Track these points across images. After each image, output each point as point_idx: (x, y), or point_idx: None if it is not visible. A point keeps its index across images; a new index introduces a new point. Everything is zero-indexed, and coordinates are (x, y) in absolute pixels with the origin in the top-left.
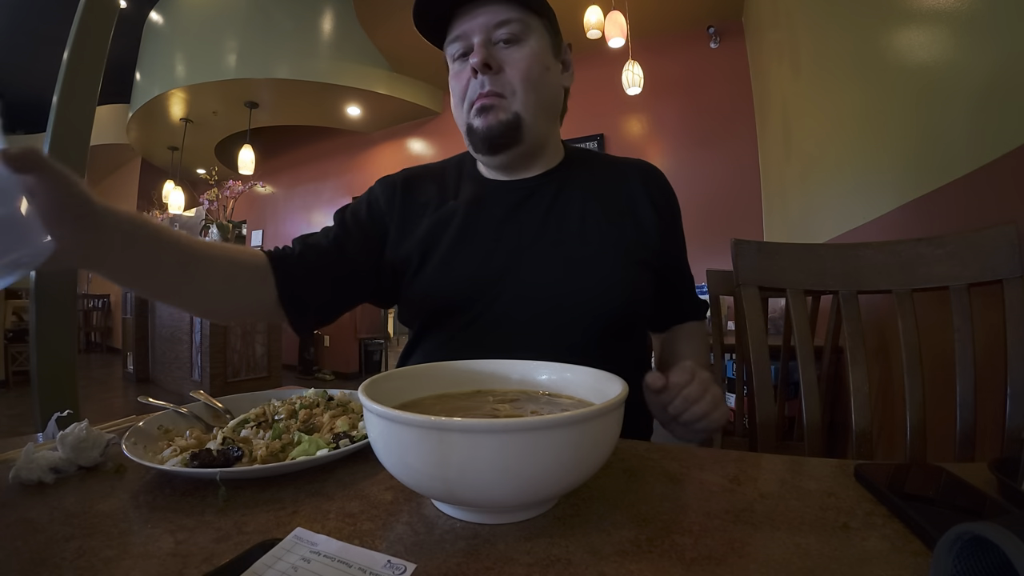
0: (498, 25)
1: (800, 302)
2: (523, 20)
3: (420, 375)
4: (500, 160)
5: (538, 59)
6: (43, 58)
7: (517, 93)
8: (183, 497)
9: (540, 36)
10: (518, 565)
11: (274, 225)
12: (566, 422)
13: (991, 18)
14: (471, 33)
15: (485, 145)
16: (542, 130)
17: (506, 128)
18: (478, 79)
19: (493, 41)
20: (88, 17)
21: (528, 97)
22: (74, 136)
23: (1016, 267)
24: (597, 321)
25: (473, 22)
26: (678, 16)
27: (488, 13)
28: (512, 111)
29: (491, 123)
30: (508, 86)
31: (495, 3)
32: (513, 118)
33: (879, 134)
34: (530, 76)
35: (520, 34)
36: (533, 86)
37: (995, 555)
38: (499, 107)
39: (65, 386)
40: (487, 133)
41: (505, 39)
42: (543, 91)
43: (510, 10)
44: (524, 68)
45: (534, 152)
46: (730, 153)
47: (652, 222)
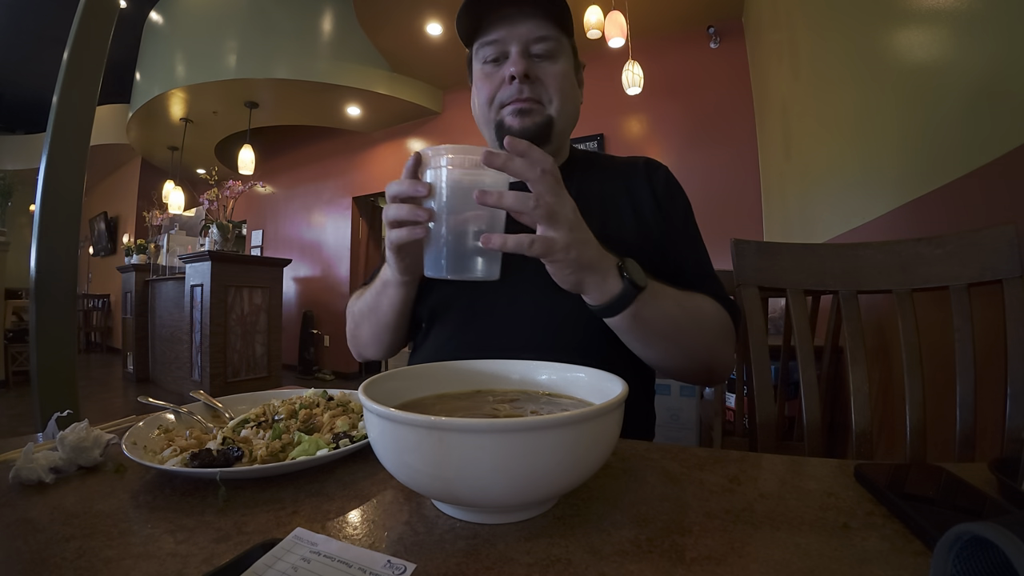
0: (537, 40)
1: (800, 302)
2: (558, 39)
3: (420, 375)
4: None
5: (568, 77)
6: (43, 58)
7: (553, 102)
8: (183, 497)
9: (568, 56)
10: (518, 565)
11: (274, 225)
12: (566, 422)
13: (991, 18)
14: (509, 41)
15: None
16: (565, 139)
17: (540, 129)
18: (514, 85)
19: (530, 54)
20: (88, 17)
21: (563, 107)
22: (74, 136)
23: (1016, 267)
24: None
25: (513, 31)
26: (678, 16)
27: (529, 26)
28: (547, 115)
29: (527, 124)
30: (545, 95)
31: (536, 18)
32: (547, 120)
33: (879, 134)
34: (563, 90)
35: (555, 52)
36: (566, 98)
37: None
38: (536, 111)
39: (65, 386)
40: (522, 132)
41: (541, 54)
42: (570, 105)
43: (549, 27)
44: (559, 84)
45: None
46: (730, 153)
47: (654, 214)
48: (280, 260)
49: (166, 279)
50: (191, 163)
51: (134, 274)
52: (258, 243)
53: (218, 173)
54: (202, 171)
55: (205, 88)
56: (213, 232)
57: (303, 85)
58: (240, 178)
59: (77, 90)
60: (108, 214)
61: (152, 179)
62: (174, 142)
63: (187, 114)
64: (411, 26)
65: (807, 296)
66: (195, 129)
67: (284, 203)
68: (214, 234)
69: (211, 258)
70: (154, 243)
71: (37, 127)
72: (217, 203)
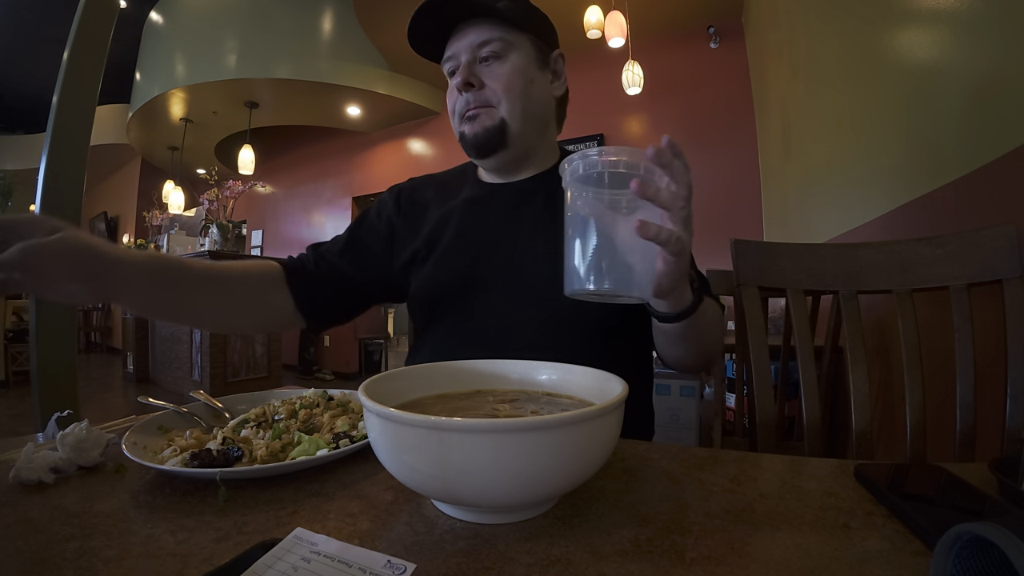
0: (481, 44)
1: (800, 302)
2: (504, 39)
3: (420, 375)
4: (491, 163)
5: (520, 73)
6: (43, 58)
7: (502, 103)
8: (183, 497)
9: (524, 51)
10: (518, 565)
11: (274, 225)
12: (566, 422)
13: (991, 18)
14: (459, 53)
15: (474, 149)
16: (531, 137)
17: (492, 132)
18: (463, 96)
19: (479, 59)
20: (88, 17)
21: (513, 106)
22: (74, 136)
23: (1016, 267)
24: (592, 317)
25: (460, 43)
26: (678, 16)
27: (473, 34)
28: (497, 117)
29: (477, 129)
30: (492, 98)
31: (479, 25)
32: (499, 123)
33: (879, 134)
34: (511, 88)
35: (502, 51)
36: (516, 97)
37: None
38: (485, 115)
39: (65, 386)
40: (474, 139)
41: (487, 56)
42: (527, 101)
43: (492, 30)
44: (505, 82)
45: (524, 156)
46: (730, 153)
47: None
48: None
49: None
50: (191, 163)
51: None
52: (258, 243)
53: (218, 173)
54: (202, 171)
55: (205, 88)
56: (213, 232)
57: (303, 85)
58: (240, 178)
59: (77, 90)
60: (108, 214)
61: (152, 179)
62: (174, 142)
63: (187, 114)
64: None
65: (807, 296)
66: (195, 129)
67: (284, 203)
68: (214, 234)
69: (211, 258)
70: (154, 243)
71: (37, 127)
72: (217, 203)
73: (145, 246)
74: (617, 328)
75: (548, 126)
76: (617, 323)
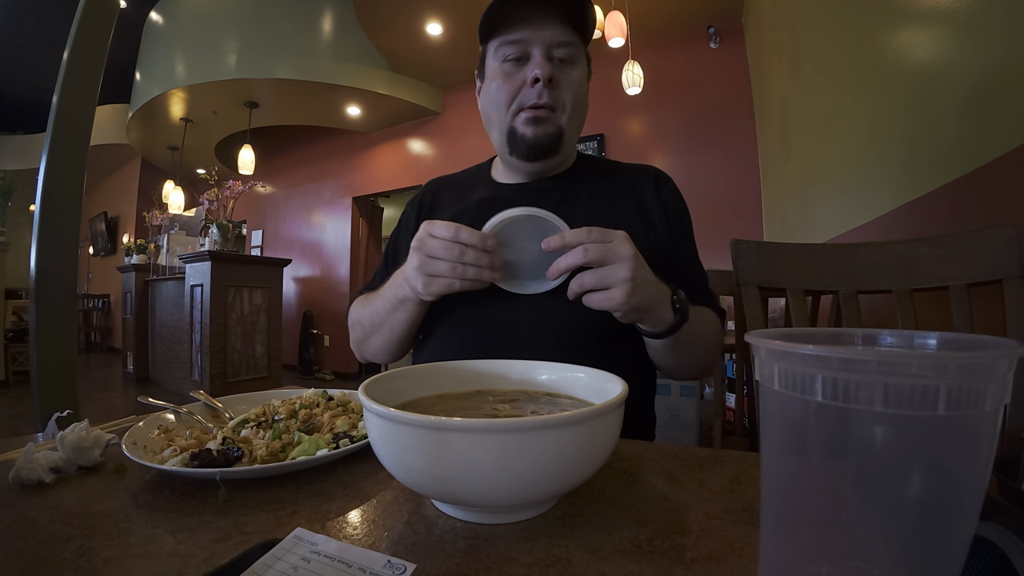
0: (560, 44)
1: (800, 302)
2: (578, 46)
3: (420, 375)
4: (535, 167)
5: (583, 84)
6: (43, 58)
7: (567, 110)
8: (183, 497)
9: (583, 63)
10: (518, 565)
11: (274, 225)
12: (566, 422)
13: (991, 18)
14: (532, 42)
15: (530, 152)
16: (573, 146)
17: (551, 140)
18: (535, 88)
19: (552, 57)
20: (88, 17)
21: (573, 115)
22: (74, 136)
23: (1016, 267)
24: (599, 317)
25: (538, 33)
26: (678, 16)
27: (554, 29)
28: (558, 125)
29: (539, 134)
30: (561, 102)
31: (560, 22)
32: (558, 131)
33: (879, 134)
34: (579, 99)
35: (574, 58)
36: (579, 109)
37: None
38: (549, 120)
39: (65, 386)
40: (534, 142)
41: (563, 58)
42: (581, 113)
43: (571, 34)
44: (576, 89)
45: (556, 163)
46: (730, 153)
47: (662, 222)
48: (280, 260)
49: (166, 279)
50: (191, 163)
51: (134, 274)
52: (258, 243)
53: (218, 173)
54: (202, 171)
55: (205, 88)
56: (213, 232)
57: (303, 85)
58: (240, 178)
59: (77, 90)
60: (108, 214)
61: (152, 179)
62: (174, 142)
63: (187, 114)
64: (411, 26)
65: (807, 296)
66: (195, 129)
67: (284, 203)
68: (214, 234)
69: (211, 258)
70: (154, 243)
71: (37, 127)
72: (217, 203)
73: (145, 246)
74: (618, 333)
75: None
76: (619, 328)
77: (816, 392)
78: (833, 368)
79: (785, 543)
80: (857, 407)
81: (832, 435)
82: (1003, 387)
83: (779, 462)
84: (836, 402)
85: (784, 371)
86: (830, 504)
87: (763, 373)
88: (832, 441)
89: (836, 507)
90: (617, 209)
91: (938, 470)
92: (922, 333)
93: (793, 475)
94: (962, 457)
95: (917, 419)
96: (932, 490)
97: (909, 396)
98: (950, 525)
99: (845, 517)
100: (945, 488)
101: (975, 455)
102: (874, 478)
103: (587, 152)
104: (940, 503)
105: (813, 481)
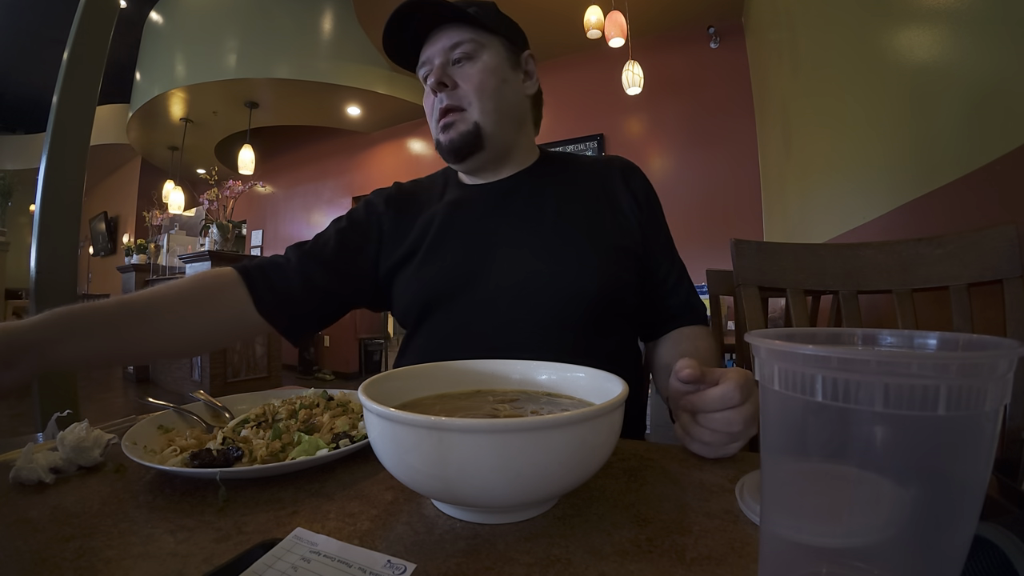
0: (453, 47)
1: (800, 302)
2: (475, 40)
3: (420, 375)
4: (468, 166)
5: (492, 72)
6: (43, 58)
7: (473, 103)
8: (183, 497)
9: (495, 52)
10: (518, 565)
11: (274, 225)
12: (566, 422)
13: (991, 18)
14: (432, 57)
15: (452, 155)
16: (506, 136)
17: (467, 137)
18: (437, 96)
19: (451, 61)
20: (88, 17)
21: (485, 106)
22: (74, 136)
23: (1016, 267)
24: (576, 306)
25: (433, 48)
26: (678, 16)
27: (444, 38)
28: (471, 121)
29: (452, 136)
30: (465, 99)
31: (451, 29)
32: (473, 128)
33: (879, 134)
34: (484, 87)
35: (473, 52)
36: (489, 96)
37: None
38: (459, 121)
39: (65, 386)
40: (450, 145)
41: (459, 58)
42: (500, 100)
43: (462, 32)
44: (477, 81)
45: (502, 156)
46: (730, 153)
47: (633, 211)
48: None
49: (166, 279)
50: (191, 163)
51: (134, 274)
52: (258, 243)
53: (218, 173)
54: (202, 171)
55: (205, 88)
56: (213, 232)
57: (303, 85)
58: (240, 178)
59: (77, 90)
60: (108, 214)
61: (152, 179)
62: (174, 142)
63: (187, 114)
64: None
65: (807, 296)
66: (195, 129)
67: (284, 203)
68: (214, 234)
69: (211, 258)
70: (154, 243)
71: (37, 127)
72: (217, 203)
73: (145, 246)
74: (599, 318)
75: (524, 125)
76: (598, 311)
77: (816, 392)
78: (833, 368)
79: (785, 543)
80: (857, 407)
81: (832, 435)
82: (1003, 387)
83: (779, 462)
84: (836, 402)
85: (784, 371)
86: (830, 504)
87: (763, 373)
88: (832, 441)
89: (836, 507)
90: (591, 204)
91: (938, 470)
92: (922, 333)
93: (793, 475)
94: (962, 457)
95: (917, 419)
96: (932, 490)
97: (909, 396)
98: (950, 525)
99: (845, 517)
100: (945, 488)
101: (975, 455)
102: (874, 478)
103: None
104: (940, 503)
105: (813, 481)
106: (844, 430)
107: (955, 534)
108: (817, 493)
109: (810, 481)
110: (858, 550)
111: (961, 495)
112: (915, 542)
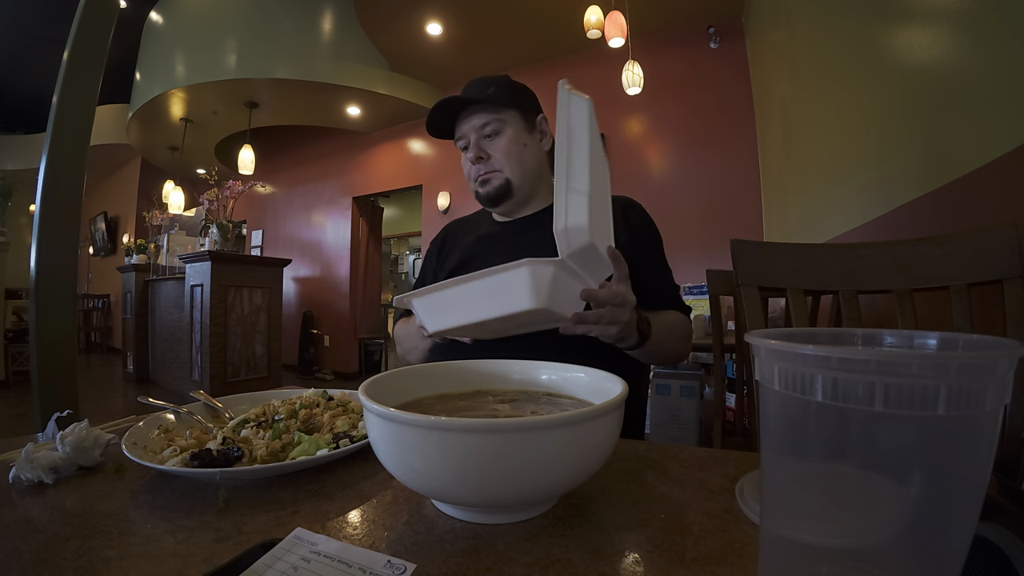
0: (482, 126)
1: (800, 302)
2: (498, 118)
3: (420, 375)
4: (501, 209)
5: (514, 141)
6: (43, 58)
7: (504, 167)
8: (183, 497)
9: (514, 123)
10: (518, 565)
11: (274, 225)
12: (566, 422)
13: (991, 18)
14: (467, 133)
15: (488, 203)
16: (529, 186)
17: (500, 190)
18: (476, 166)
19: (483, 136)
20: (88, 17)
21: (513, 167)
22: (74, 136)
23: (1016, 267)
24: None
25: (465, 126)
26: (678, 16)
27: (475, 118)
28: (504, 177)
29: (488, 190)
30: (497, 164)
31: (477, 111)
32: (505, 182)
33: (879, 134)
34: (510, 155)
35: (499, 128)
36: (515, 159)
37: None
38: (493, 178)
39: (65, 386)
40: (486, 197)
41: (489, 134)
42: (524, 161)
43: (487, 114)
44: (504, 151)
45: (526, 200)
46: (730, 153)
47: (626, 239)
48: (280, 260)
49: (166, 279)
50: (191, 163)
51: (134, 274)
52: (258, 243)
53: (218, 173)
54: (202, 171)
55: (205, 88)
56: (213, 232)
57: (303, 85)
58: (240, 178)
59: (77, 90)
60: (108, 214)
61: (152, 179)
62: (174, 142)
63: (187, 114)
64: (411, 26)
65: (807, 296)
66: (195, 129)
67: (284, 203)
68: (214, 234)
69: (211, 258)
70: (154, 243)
71: (37, 127)
72: (217, 203)
73: (145, 246)
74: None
75: (543, 174)
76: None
77: (816, 392)
78: (833, 368)
79: (785, 543)
80: (857, 407)
81: (832, 435)
82: (1003, 387)
83: (779, 462)
84: (836, 402)
85: (784, 371)
86: (830, 504)
87: (763, 373)
88: (832, 441)
89: (836, 507)
90: None
91: (938, 470)
92: (922, 333)
93: (793, 475)
94: (962, 457)
95: (917, 419)
96: (932, 490)
97: (909, 396)
98: (950, 525)
99: (845, 517)
100: (945, 488)
101: (975, 455)
102: (874, 478)
103: None
104: (940, 503)
105: (813, 481)
106: (844, 430)
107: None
108: (817, 493)
109: (810, 481)
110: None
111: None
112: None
